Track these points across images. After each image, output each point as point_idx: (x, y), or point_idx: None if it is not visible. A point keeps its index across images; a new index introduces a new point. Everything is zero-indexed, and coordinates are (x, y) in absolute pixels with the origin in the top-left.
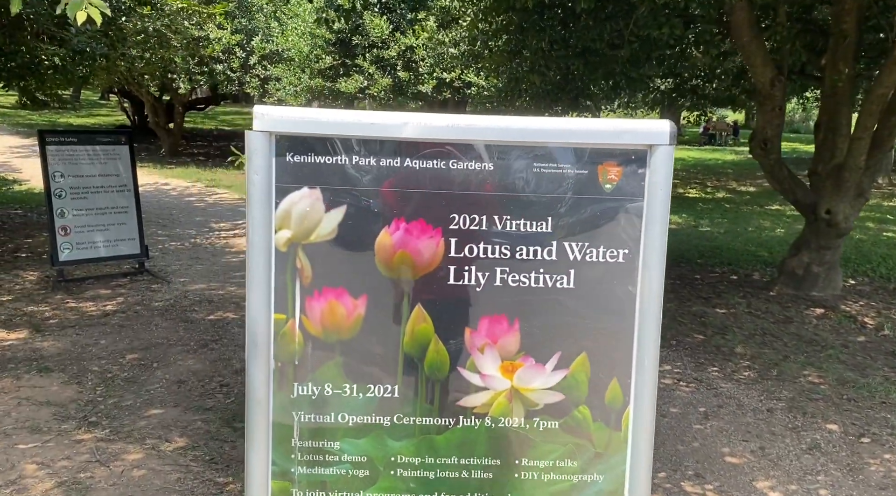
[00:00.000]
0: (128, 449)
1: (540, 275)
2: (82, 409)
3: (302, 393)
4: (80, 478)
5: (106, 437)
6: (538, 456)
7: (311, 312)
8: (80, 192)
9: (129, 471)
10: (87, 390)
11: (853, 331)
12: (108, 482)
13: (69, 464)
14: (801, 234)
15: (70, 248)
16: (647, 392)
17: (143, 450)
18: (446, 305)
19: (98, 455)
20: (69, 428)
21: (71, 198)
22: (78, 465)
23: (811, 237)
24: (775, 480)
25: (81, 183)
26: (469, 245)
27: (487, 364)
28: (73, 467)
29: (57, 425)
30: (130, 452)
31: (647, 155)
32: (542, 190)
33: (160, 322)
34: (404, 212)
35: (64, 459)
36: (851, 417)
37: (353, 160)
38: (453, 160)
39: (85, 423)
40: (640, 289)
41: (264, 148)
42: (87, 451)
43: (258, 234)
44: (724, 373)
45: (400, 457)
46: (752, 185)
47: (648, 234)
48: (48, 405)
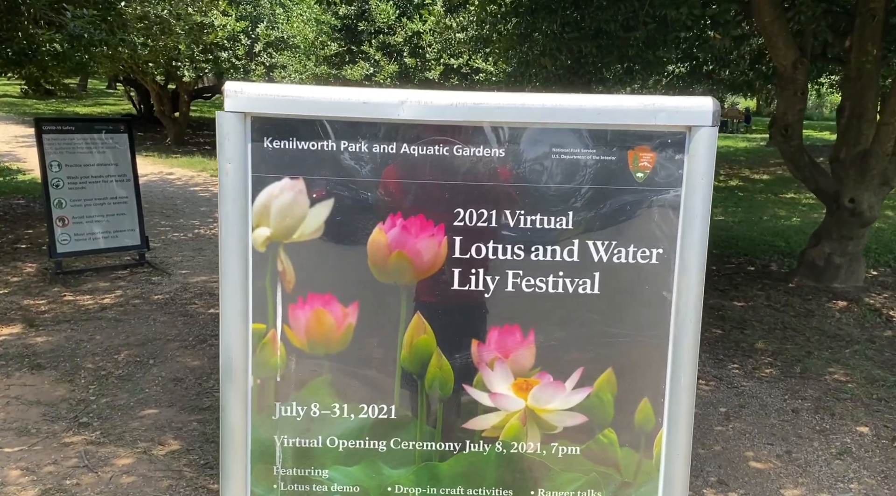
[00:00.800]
0: (118, 453)
1: (559, 280)
2: (73, 409)
3: (285, 414)
4: (65, 486)
5: (96, 440)
6: (557, 486)
7: (294, 322)
8: (79, 182)
9: (117, 477)
10: (80, 388)
11: (879, 326)
12: (94, 490)
13: (55, 469)
14: (822, 223)
15: (68, 239)
16: (684, 413)
17: (134, 454)
18: (450, 314)
19: (86, 460)
20: (58, 429)
21: (69, 187)
22: (65, 471)
23: (833, 227)
24: (804, 488)
25: (79, 172)
26: (476, 244)
27: (498, 381)
28: (59, 473)
29: (46, 427)
30: (121, 456)
31: (686, 138)
32: (561, 180)
33: (158, 316)
34: (401, 206)
35: (50, 464)
36: (883, 419)
37: (341, 146)
38: (458, 145)
39: (75, 424)
40: (675, 294)
41: (238, 132)
42: (75, 455)
43: (232, 232)
44: (745, 370)
45: (397, 487)
46: (765, 173)
47: (687, 230)
48: (38, 404)
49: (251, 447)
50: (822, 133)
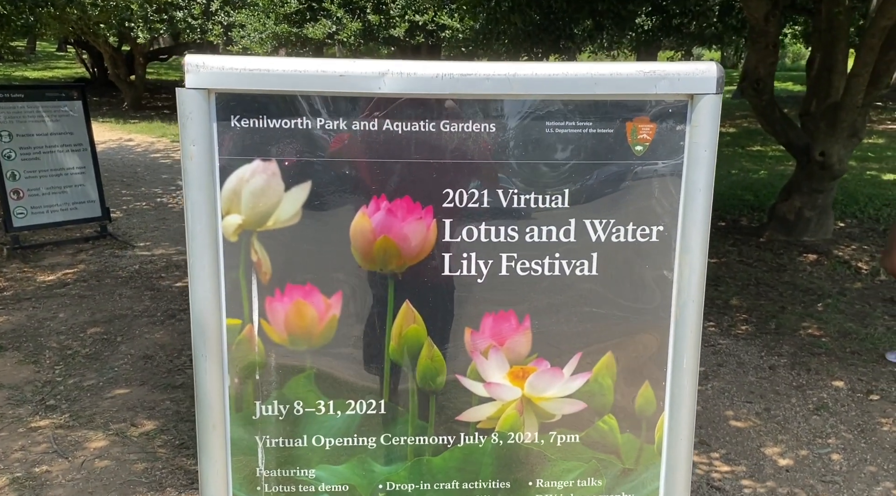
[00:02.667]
0: (89, 436)
1: (555, 261)
2: (39, 392)
3: (266, 413)
4: (35, 473)
5: (65, 424)
6: (556, 475)
7: (272, 316)
8: (32, 153)
9: (90, 461)
10: (45, 370)
11: (849, 278)
12: (66, 477)
13: (24, 456)
14: (791, 177)
15: (25, 212)
16: (686, 397)
17: (106, 436)
18: (441, 301)
19: (56, 444)
20: (24, 414)
21: (21, 159)
22: (34, 458)
23: (803, 180)
24: (784, 445)
25: (32, 143)
26: (467, 227)
27: (493, 370)
28: (28, 460)
29: (10, 411)
30: (92, 440)
31: (689, 107)
32: (556, 155)
33: (124, 291)
34: (385, 188)
35: (18, 451)
36: (857, 372)
37: (317, 123)
38: (445, 120)
39: (42, 408)
40: (677, 273)
41: (202, 110)
42: (44, 441)
43: (200, 220)
44: (721, 327)
45: (389, 485)
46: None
47: (689, 206)
48: (1, 388)
49: (231, 449)
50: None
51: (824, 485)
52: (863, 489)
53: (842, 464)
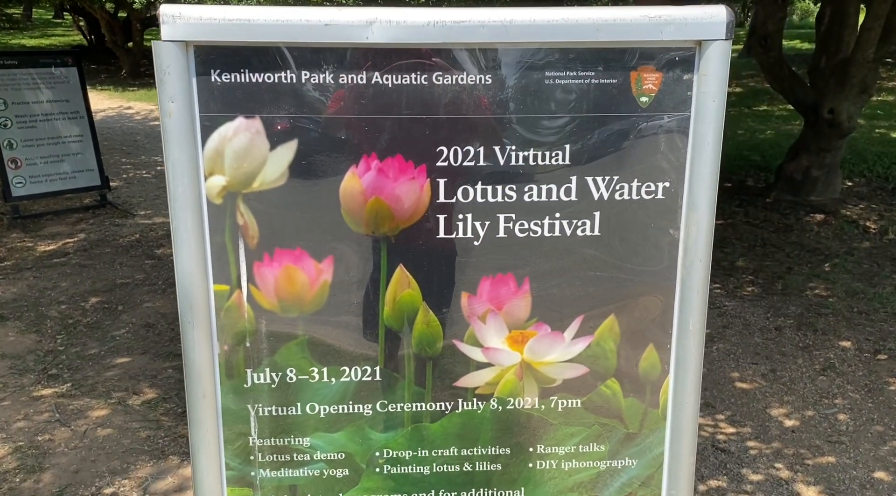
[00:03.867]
0: (92, 404)
1: (556, 222)
2: (41, 361)
3: (258, 381)
4: (38, 442)
5: (67, 393)
6: (557, 441)
7: (261, 281)
8: (28, 121)
9: (92, 430)
10: (47, 339)
11: (856, 237)
12: (68, 445)
13: (26, 425)
14: (799, 136)
15: (23, 181)
16: (692, 360)
17: (108, 405)
18: (436, 265)
19: (59, 413)
20: (27, 383)
21: (18, 127)
22: (36, 426)
23: (811, 139)
24: (790, 406)
25: (28, 110)
26: (463, 187)
27: (491, 335)
28: (31, 429)
29: (13, 380)
30: (94, 408)
31: (696, 54)
32: (556, 108)
33: (125, 259)
34: (376, 146)
35: (21, 420)
36: (865, 332)
37: (302, 77)
38: (438, 72)
39: (44, 377)
40: (683, 232)
41: (180, 65)
42: (46, 410)
43: (182, 182)
44: (727, 289)
45: (386, 452)
46: (738, 86)
47: (696, 161)
48: (3, 357)
49: (222, 418)
50: (793, 41)
51: (830, 446)
52: (869, 449)
53: (848, 425)
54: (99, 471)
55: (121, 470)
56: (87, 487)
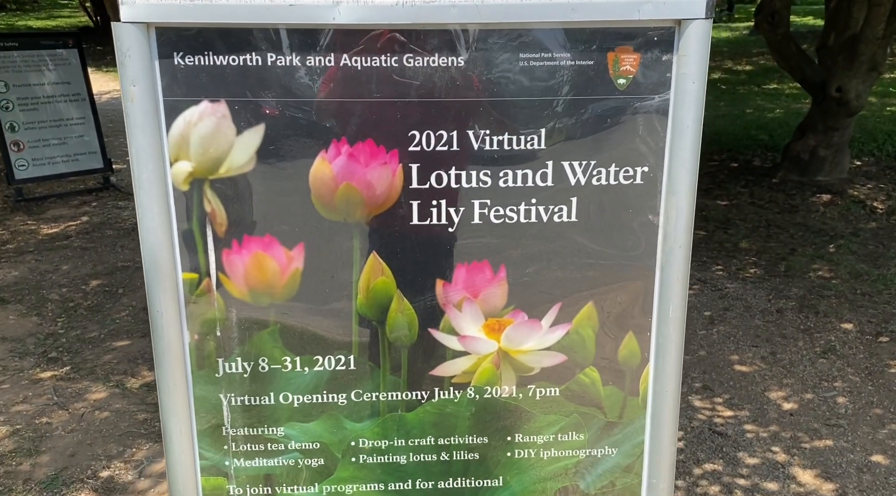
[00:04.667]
0: (90, 388)
1: (532, 208)
2: (41, 344)
3: (230, 371)
4: (36, 424)
5: (66, 376)
6: (535, 430)
7: (231, 270)
8: (30, 103)
9: (90, 413)
10: (47, 322)
11: (863, 218)
12: (66, 428)
13: (25, 408)
14: (807, 115)
15: (26, 164)
16: (672, 347)
17: (107, 388)
18: (410, 253)
19: (57, 396)
20: (27, 366)
21: (20, 109)
22: (35, 409)
23: (818, 118)
24: (789, 389)
25: (30, 93)
26: (436, 172)
27: (467, 323)
28: (29, 411)
29: (13, 363)
30: (93, 391)
31: (675, 34)
32: (532, 91)
33: (126, 242)
34: (346, 130)
35: (20, 403)
36: (867, 314)
37: (268, 60)
38: (408, 54)
39: (44, 360)
40: (663, 217)
41: (141, 47)
42: (45, 392)
43: (146, 167)
44: (729, 271)
45: (362, 442)
46: (748, 64)
47: (676, 145)
48: (3, 340)
49: (195, 408)
50: (804, 18)
51: (828, 429)
52: (868, 432)
53: (847, 407)
54: (95, 453)
55: (117, 453)
56: (83, 470)
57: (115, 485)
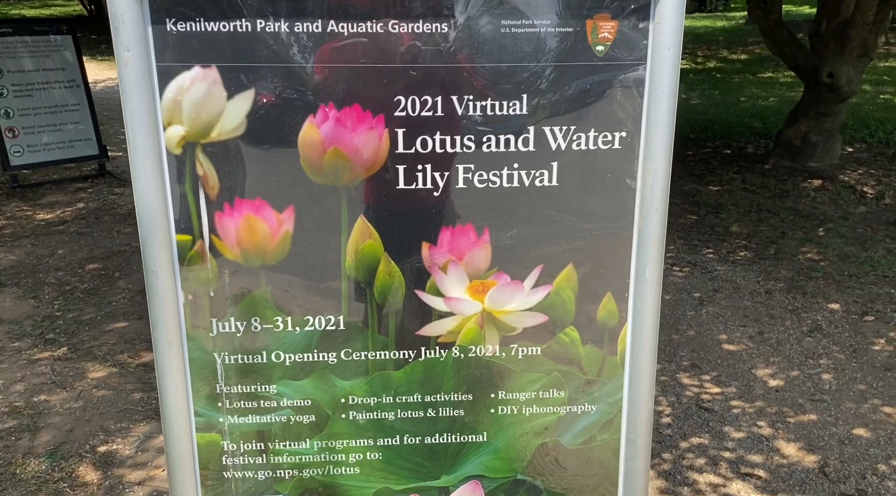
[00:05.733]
0: (88, 367)
1: (514, 172)
2: (38, 326)
3: (223, 330)
4: (34, 402)
5: (64, 356)
6: (518, 388)
7: (223, 231)
8: (24, 90)
9: (88, 391)
10: (44, 305)
11: (853, 202)
12: (64, 406)
13: (24, 387)
14: (799, 101)
15: (21, 151)
16: (649, 307)
17: (104, 367)
18: (397, 216)
19: (55, 375)
20: (24, 347)
21: (14, 96)
22: (33, 388)
23: (810, 104)
24: (776, 367)
25: (24, 79)
26: (421, 137)
27: (452, 285)
28: (28, 390)
29: (11, 344)
30: (91, 371)
31: (651, 2)
32: (514, 58)
33: (122, 227)
34: (333, 95)
35: (18, 382)
36: (854, 295)
37: (257, 26)
38: (394, 21)
39: (41, 341)
40: (640, 182)
41: (134, 12)
42: (43, 372)
43: (140, 132)
44: (720, 254)
45: (351, 398)
46: (744, 53)
47: (652, 111)
48: (1, 323)
49: (189, 367)
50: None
51: (812, 404)
52: (851, 407)
53: (831, 384)
54: (93, 429)
55: (115, 429)
56: (82, 445)
57: (114, 460)
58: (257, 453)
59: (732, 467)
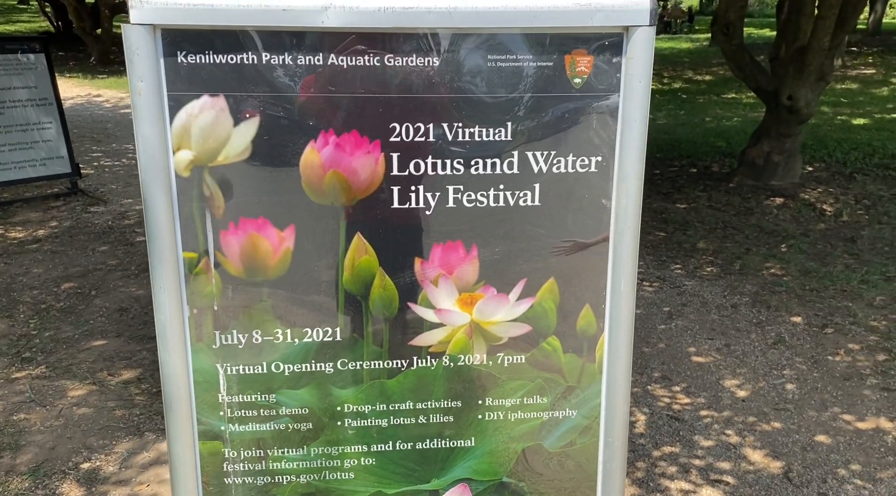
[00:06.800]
0: (67, 385)
1: (500, 193)
2: (15, 345)
3: (226, 342)
4: (13, 421)
5: (42, 374)
6: (503, 394)
7: (227, 249)
8: None
9: (68, 409)
10: (20, 324)
11: (813, 220)
12: (44, 424)
13: (2, 405)
14: (761, 122)
15: None
16: (624, 317)
17: (83, 385)
18: (391, 233)
19: (34, 394)
20: (1, 365)
21: None
22: (11, 406)
23: (771, 125)
24: (742, 378)
25: None
26: (414, 161)
27: (443, 297)
28: (6, 409)
29: None
30: (70, 389)
31: (624, 39)
32: (498, 89)
33: (97, 246)
34: (333, 122)
35: None
36: (814, 308)
37: (263, 58)
38: (389, 55)
39: (18, 360)
40: (615, 201)
41: (148, 46)
42: (21, 391)
43: (151, 156)
44: (687, 269)
45: (347, 407)
46: (708, 74)
47: (625, 137)
48: None
49: (193, 377)
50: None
51: (777, 413)
52: (812, 415)
53: (794, 393)
54: (76, 447)
55: (98, 446)
56: (65, 462)
57: (98, 476)
58: (257, 460)
59: (702, 474)
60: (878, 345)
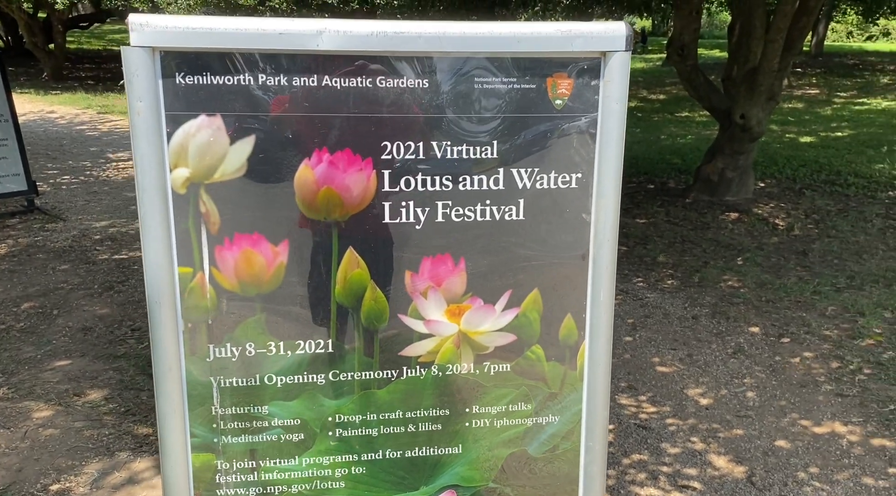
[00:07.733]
0: (31, 407)
1: (486, 208)
2: None
3: (219, 355)
4: None
5: (4, 396)
6: (490, 402)
7: (222, 264)
8: None
9: (34, 431)
10: None
11: (766, 234)
12: (10, 446)
13: None
14: (715, 140)
15: None
16: (603, 326)
17: (49, 406)
18: (382, 247)
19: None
20: None
21: None
22: None
23: (725, 143)
24: (705, 386)
25: None
26: (405, 177)
27: (432, 309)
28: None
29: None
30: (35, 410)
31: (602, 63)
32: (484, 110)
33: (58, 265)
34: (327, 141)
35: None
36: (771, 319)
37: (259, 80)
38: (381, 77)
39: None
40: (594, 217)
41: (147, 68)
42: None
43: (149, 174)
44: (649, 282)
45: (338, 417)
46: (661, 93)
47: (604, 155)
48: None
49: (187, 390)
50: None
51: (739, 420)
52: (773, 421)
53: (755, 401)
54: (44, 469)
55: (67, 467)
56: (33, 484)
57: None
58: (249, 471)
59: (670, 480)
60: (831, 354)
